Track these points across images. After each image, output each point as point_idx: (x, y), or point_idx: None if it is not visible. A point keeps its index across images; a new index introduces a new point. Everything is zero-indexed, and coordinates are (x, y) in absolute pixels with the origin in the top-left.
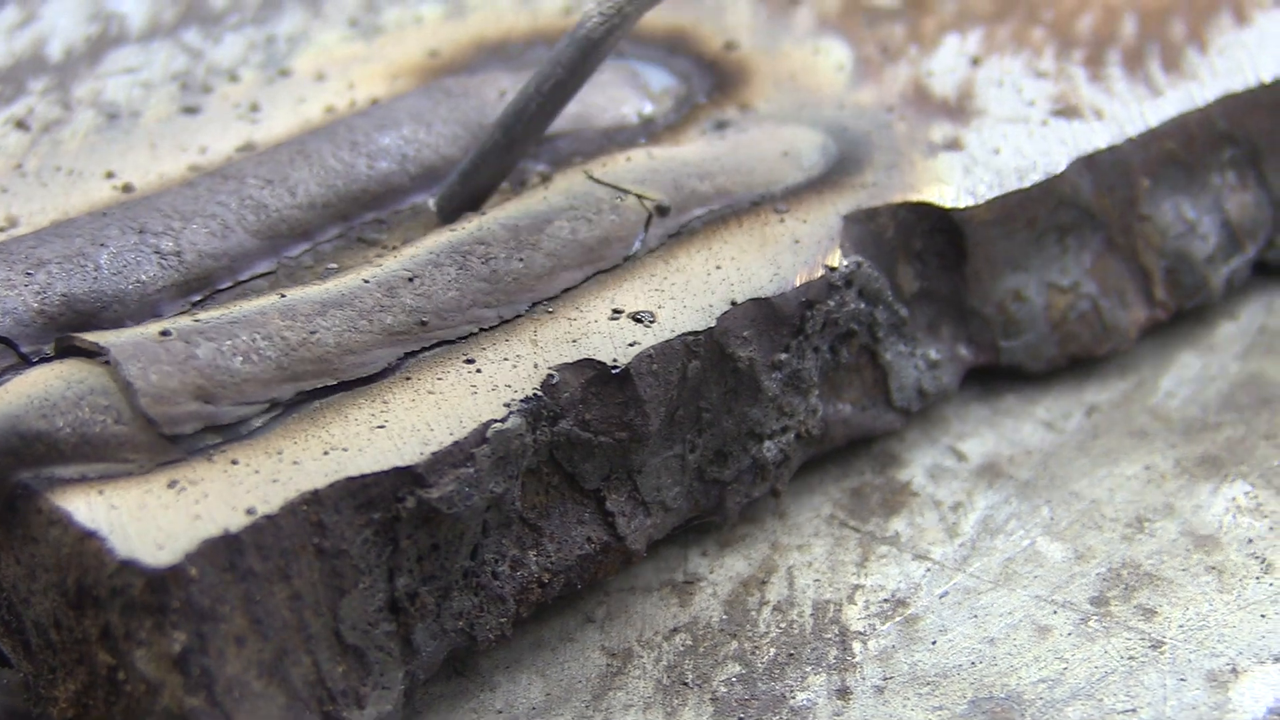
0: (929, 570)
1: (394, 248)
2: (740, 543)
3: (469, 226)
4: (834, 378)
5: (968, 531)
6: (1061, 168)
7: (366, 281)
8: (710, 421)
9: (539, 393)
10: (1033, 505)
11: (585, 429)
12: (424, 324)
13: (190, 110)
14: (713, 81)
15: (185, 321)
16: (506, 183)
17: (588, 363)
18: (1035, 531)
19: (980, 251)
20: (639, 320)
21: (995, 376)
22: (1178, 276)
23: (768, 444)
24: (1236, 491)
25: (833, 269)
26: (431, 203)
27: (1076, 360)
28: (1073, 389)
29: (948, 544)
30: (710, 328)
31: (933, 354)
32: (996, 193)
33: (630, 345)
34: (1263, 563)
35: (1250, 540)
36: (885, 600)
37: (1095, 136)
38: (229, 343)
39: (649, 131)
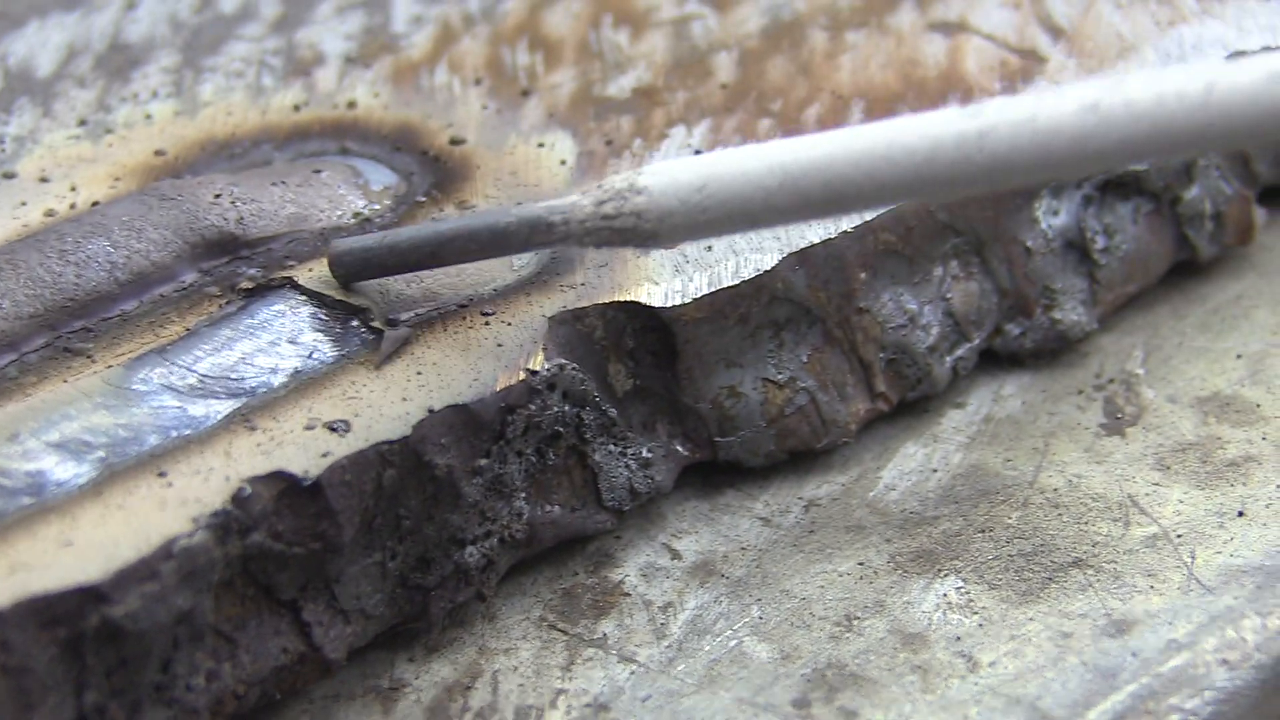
0: (634, 673)
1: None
2: (448, 647)
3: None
4: (541, 480)
5: (675, 632)
6: (772, 264)
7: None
8: (411, 528)
9: (229, 507)
10: (743, 604)
11: (278, 540)
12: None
13: None
14: (434, 179)
15: None
16: (216, 288)
17: (279, 474)
18: (743, 632)
19: (691, 349)
20: (334, 430)
21: (716, 471)
22: (899, 368)
23: (470, 549)
24: (948, 587)
25: (534, 373)
26: (334, 244)
27: (797, 454)
28: (792, 483)
29: (655, 646)
30: (406, 436)
31: (645, 453)
32: (706, 290)
33: (323, 456)
34: (969, 661)
35: (958, 638)
36: (587, 705)
37: (809, 230)
38: None
39: (365, 232)
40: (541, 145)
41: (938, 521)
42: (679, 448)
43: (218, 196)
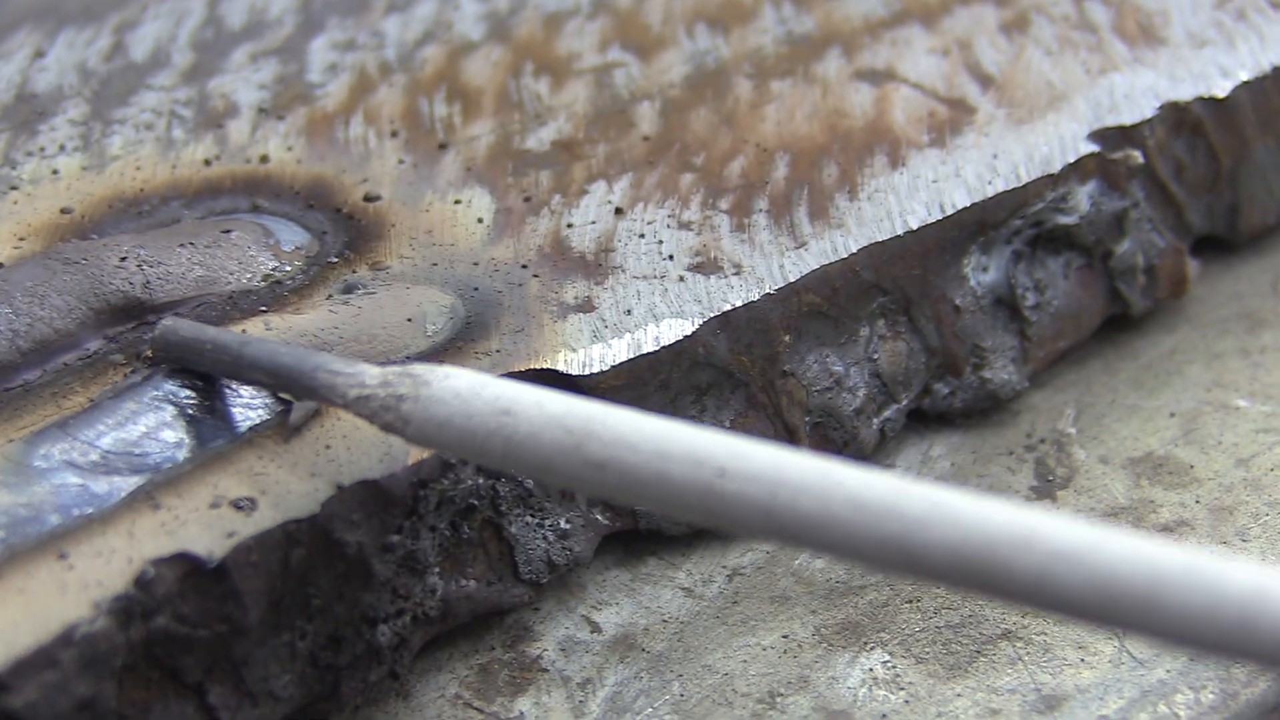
0: None
1: None
2: None
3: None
4: (456, 554)
5: (594, 711)
6: (693, 329)
7: None
8: (321, 607)
9: (131, 590)
10: (664, 681)
11: (182, 624)
12: None
13: None
14: (347, 238)
15: None
16: (121, 355)
17: (183, 556)
18: (664, 710)
19: None
20: (239, 508)
21: (638, 539)
22: (825, 431)
23: (382, 628)
24: (874, 661)
25: None
26: (164, 322)
27: None
28: (716, 552)
29: None
30: (314, 514)
31: (563, 523)
32: (625, 357)
33: (228, 536)
34: None
35: (884, 715)
36: None
37: (732, 293)
38: None
39: (275, 295)
40: (458, 202)
41: (864, 591)
42: (598, 517)
43: (123, 260)
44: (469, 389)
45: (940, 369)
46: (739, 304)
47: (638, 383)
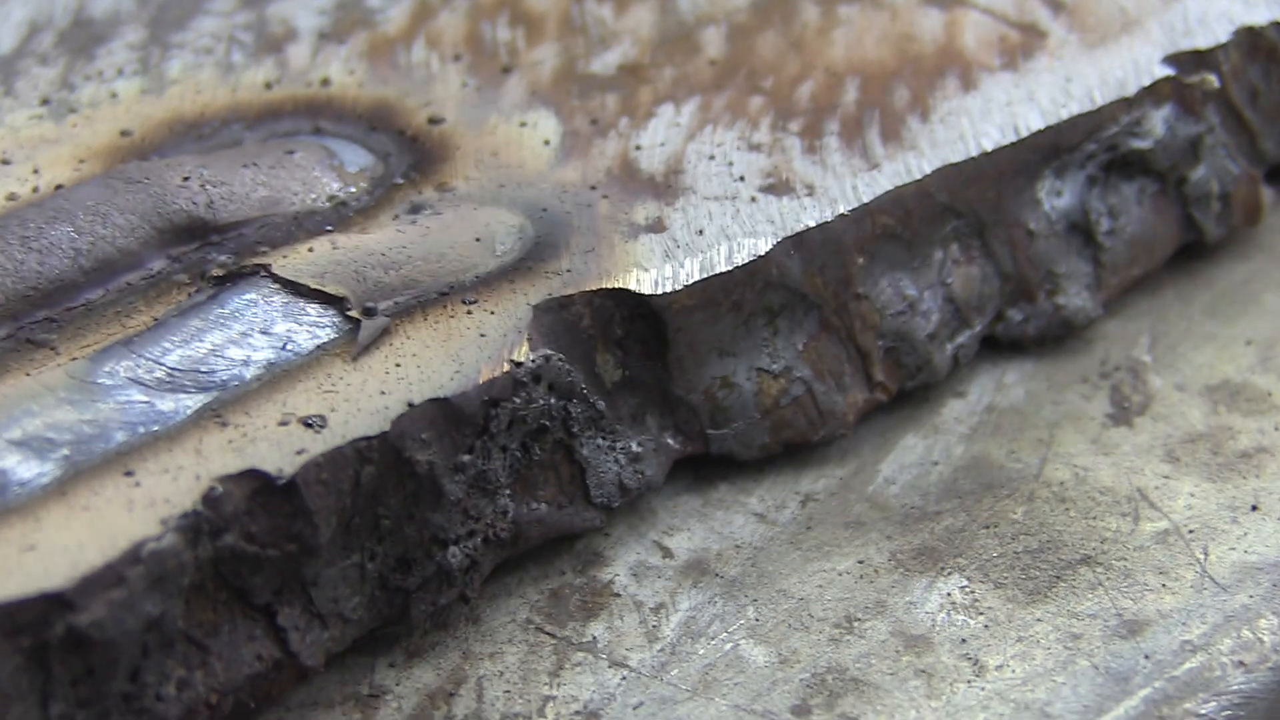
0: (625, 678)
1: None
2: (431, 651)
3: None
4: (527, 476)
5: (668, 635)
6: (767, 248)
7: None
8: (391, 528)
9: (199, 507)
10: (738, 605)
11: (251, 543)
12: None
13: None
14: (412, 160)
15: None
16: (185, 275)
17: (252, 473)
18: (739, 634)
19: (682, 338)
20: (309, 425)
21: (709, 464)
22: (898, 356)
23: (453, 550)
24: (952, 586)
25: (519, 364)
26: None
27: (792, 447)
28: (789, 477)
29: (647, 649)
30: (385, 432)
31: (634, 446)
32: (698, 277)
33: (298, 453)
34: (975, 664)
35: (963, 640)
36: (577, 713)
37: (805, 214)
38: None
39: (340, 216)
40: (524, 124)
41: (940, 517)
42: (670, 441)
43: (186, 179)
44: None
45: (1014, 295)
46: (813, 224)
47: (710, 303)
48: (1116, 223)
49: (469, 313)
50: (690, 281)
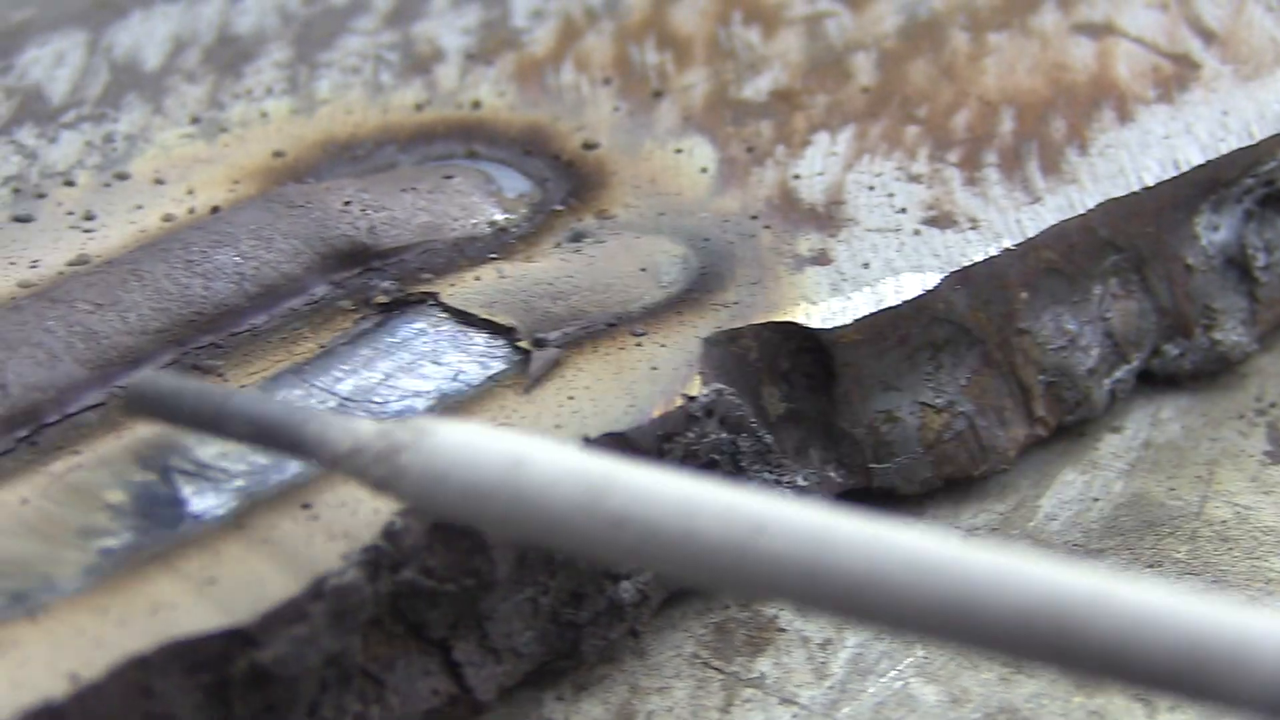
0: (796, 716)
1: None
2: (598, 685)
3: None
4: None
5: (837, 672)
6: (934, 283)
7: None
8: (564, 562)
9: (380, 542)
10: (905, 642)
11: (429, 577)
12: None
13: (23, 219)
14: (570, 186)
15: None
16: (348, 301)
17: None
18: (909, 672)
19: (850, 372)
20: None
21: (869, 499)
22: (1058, 391)
23: (624, 584)
24: None
25: (692, 398)
26: (137, 375)
27: (953, 482)
28: (949, 512)
29: (816, 686)
30: None
31: (800, 480)
32: (866, 311)
33: None
34: (1148, 705)
35: None
36: None
37: (970, 248)
38: None
39: (501, 243)
40: (679, 151)
41: (1103, 555)
42: (833, 474)
43: (347, 204)
44: (477, 438)
45: (1170, 329)
46: (979, 258)
47: (877, 337)
48: (1273, 257)
49: (639, 345)
50: (860, 316)
